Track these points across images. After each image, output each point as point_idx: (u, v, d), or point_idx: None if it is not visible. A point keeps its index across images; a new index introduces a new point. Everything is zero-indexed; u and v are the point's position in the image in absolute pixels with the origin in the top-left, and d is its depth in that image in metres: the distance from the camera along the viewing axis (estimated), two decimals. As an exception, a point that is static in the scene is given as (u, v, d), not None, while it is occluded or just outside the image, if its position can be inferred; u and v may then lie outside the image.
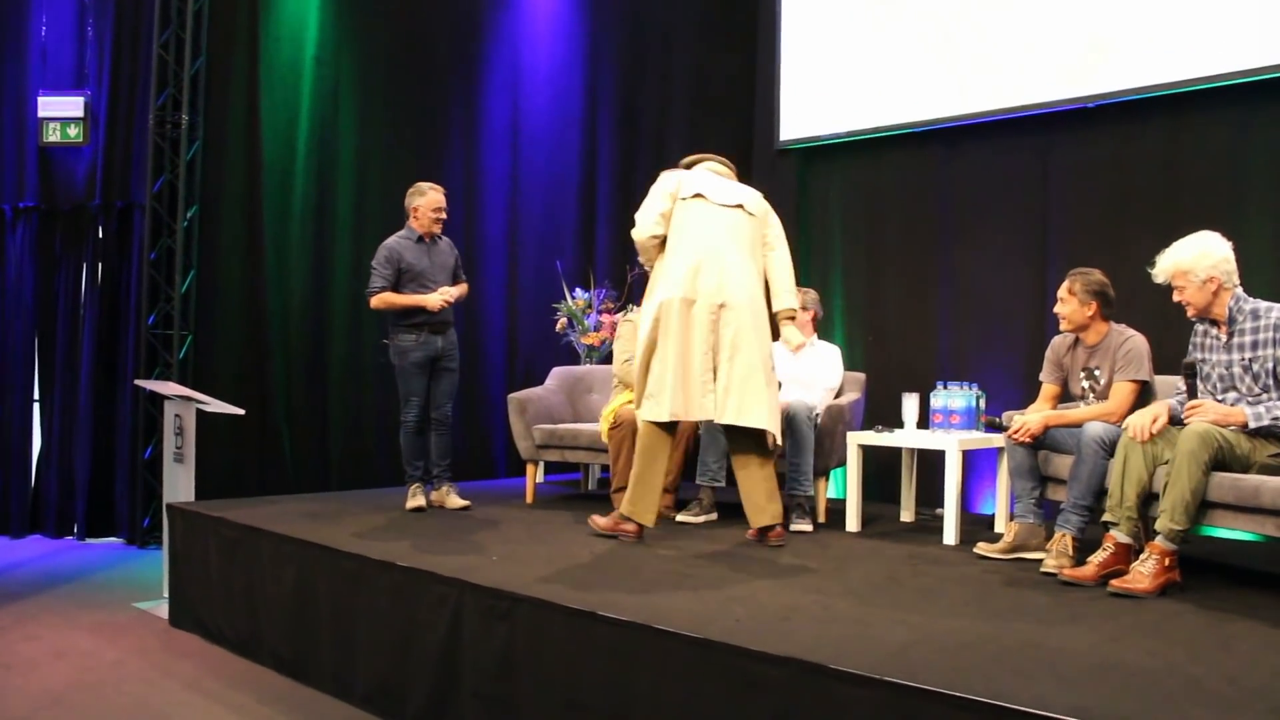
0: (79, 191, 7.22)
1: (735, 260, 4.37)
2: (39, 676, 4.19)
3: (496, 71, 7.85)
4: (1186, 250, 3.79)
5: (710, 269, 4.31)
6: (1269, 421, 3.58)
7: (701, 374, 4.28)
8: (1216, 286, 3.77)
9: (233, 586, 4.70)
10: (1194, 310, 3.85)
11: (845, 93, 6.83)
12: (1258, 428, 3.59)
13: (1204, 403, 3.72)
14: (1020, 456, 4.27)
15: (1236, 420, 3.63)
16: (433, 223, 5.38)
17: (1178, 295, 3.84)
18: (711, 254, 4.34)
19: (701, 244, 4.37)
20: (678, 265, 4.36)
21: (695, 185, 4.49)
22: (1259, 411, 3.61)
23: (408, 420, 5.37)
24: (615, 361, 5.59)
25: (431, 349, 5.35)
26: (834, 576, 3.87)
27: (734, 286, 4.31)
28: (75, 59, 7.27)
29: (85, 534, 7.05)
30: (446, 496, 5.44)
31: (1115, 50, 5.65)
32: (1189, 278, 3.78)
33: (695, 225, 4.42)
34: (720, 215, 4.46)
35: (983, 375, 5.70)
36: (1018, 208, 6.13)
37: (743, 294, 4.33)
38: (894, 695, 2.45)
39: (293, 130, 7.05)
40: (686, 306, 4.29)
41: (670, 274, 4.37)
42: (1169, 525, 3.50)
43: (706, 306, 4.28)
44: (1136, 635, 3.01)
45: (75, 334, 7.19)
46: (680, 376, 4.27)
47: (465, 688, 3.51)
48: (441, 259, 5.43)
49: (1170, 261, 3.82)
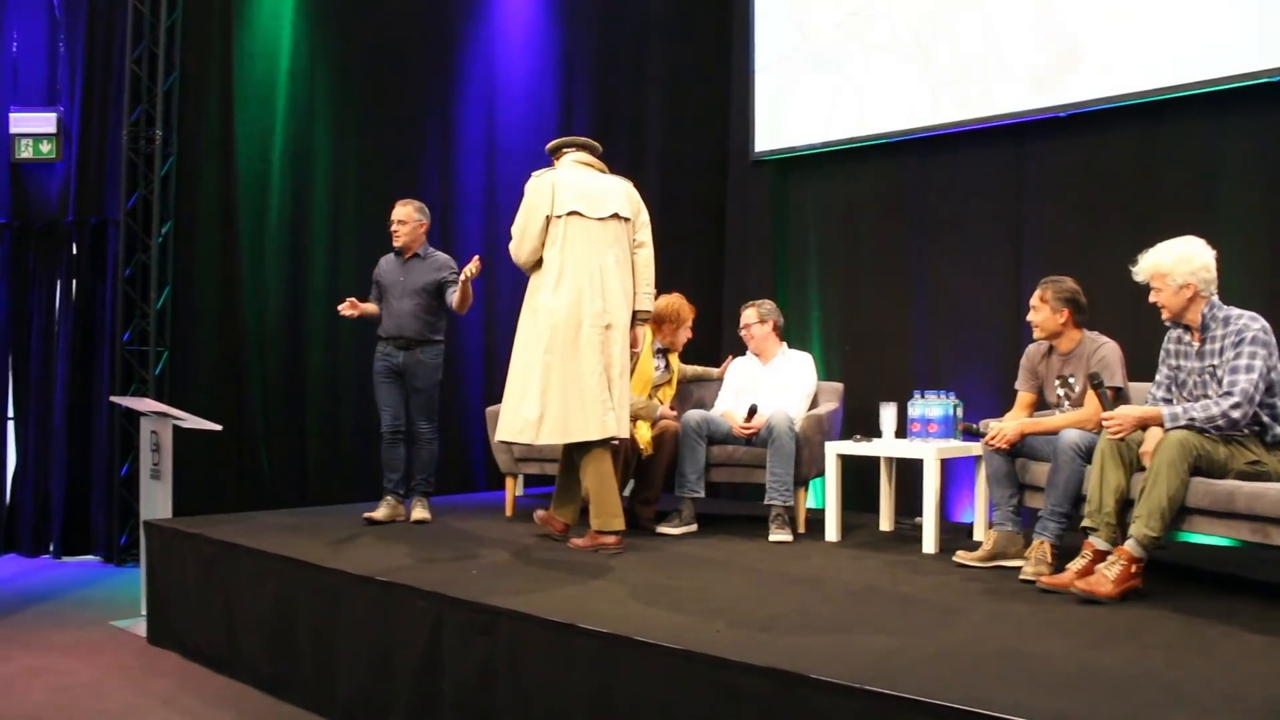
0: (52, 208, 7.17)
1: (615, 278, 4.56)
2: (15, 696, 4.14)
3: (472, 84, 7.85)
4: (1168, 253, 3.83)
5: (594, 292, 4.49)
6: (1185, 421, 3.61)
7: (599, 395, 4.44)
8: (1192, 293, 3.80)
9: (211, 603, 4.67)
10: (1168, 313, 3.88)
11: (820, 103, 6.87)
12: (1173, 427, 3.61)
13: (1114, 414, 3.74)
14: (997, 464, 4.29)
15: (1153, 419, 3.67)
16: (394, 235, 5.38)
17: (1153, 296, 3.88)
18: (595, 276, 4.51)
19: (585, 266, 4.51)
20: (564, 288, 4.49)
21: (568, 200, 4.55)
22: (1175, 412, 3.65)
23: (381, 430, 5.40)
24: None
25: (392, 362, 5.36)
26: (814, 586, 3.88)
27: (615, 307, 4.53)
28: (47, 74, 7.21)
29: (61, 552, 6.97)
30: (414, 509, 5.40)
31: (1087, 59, 5.71)
32: (1166, 280, 3.82)
33: (575, 246, 4.53)
34: (597, 232, 4.57)
35: (960, 384, 5.73)
36: (992, 216, 6.18)
37: (623, 314, 4.57)
38: (875, 704, 2.46)
39: (267, 145, 7.02)
40: (575, 330, 4.45)
41: (556, 294, 4.50)
42: (1144, 531, 3.52)
43: (595, 329, 4.47)
44: (1114, 641, 3.03)
45: (50, 351, 7.13)
46: (576, 399, 4.43)
47: (446, 701, 3.49)
48: (413, 276, 5.36)
49: (1150, 262, 3.86)
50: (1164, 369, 3.99)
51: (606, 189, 4.68)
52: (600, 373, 4.44)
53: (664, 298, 5.60)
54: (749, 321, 5.52)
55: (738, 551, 4.62)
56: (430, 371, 5.42)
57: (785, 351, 5.54)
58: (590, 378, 4.43)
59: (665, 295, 5.63)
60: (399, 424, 5.39)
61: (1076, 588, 3.56)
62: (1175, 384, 3.93)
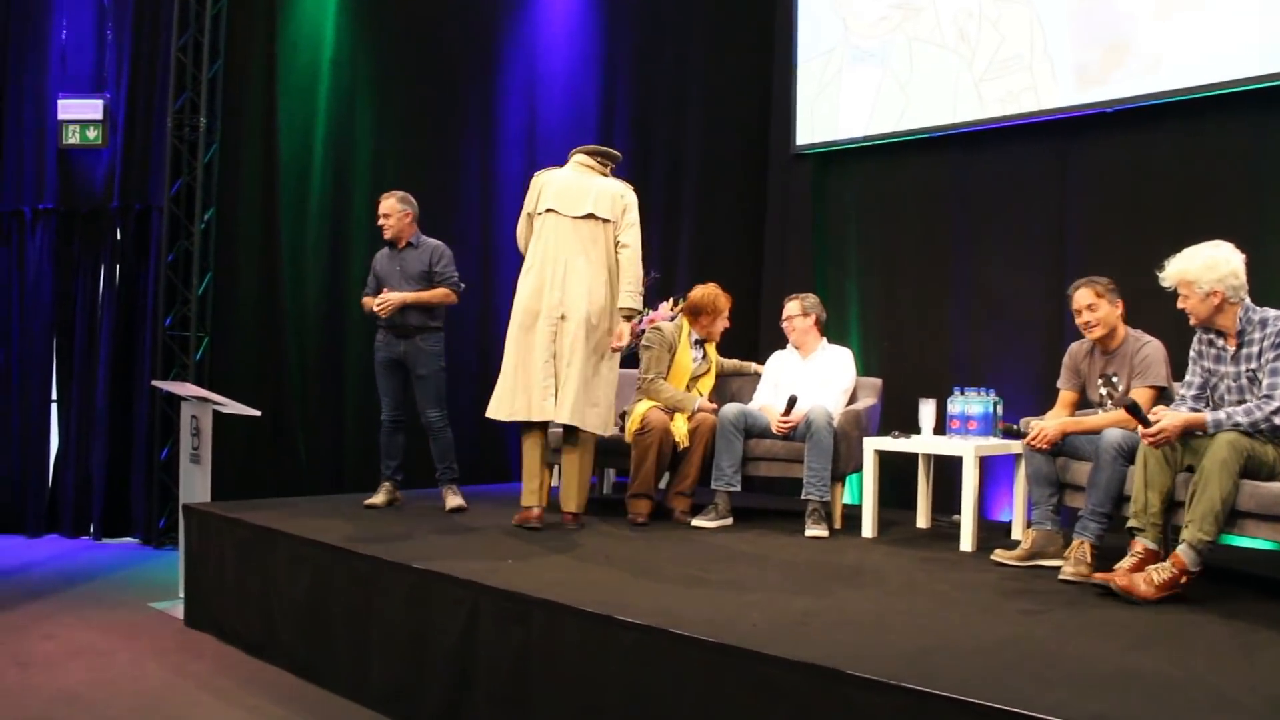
0: (97, 194, 7.25)
1: (580, 274, 4.81)
2: (55, 675, 4.20)
3: (513, 74, 7.86)
4: (1194, 260, 3.75)
5: (555, 285, 4.80)
6: (1229, 426, 3.56)
7: (543, 380, 4.77)
8: (1220, 300, 3.73)
9: (248, 587, 4.71)
10: (1196, 320, 3.83)
11: (863, 97, 6.82)
12: (1217, 432, 3.56)
13: (1159, 425, 3.65)
14: (1038, 463, 4.24)
15: (1196, 425, 3.62)
16: (383, 230, 5.50)
17: (1181, 303, 3.82)
18: (558, 270, 4.81)
19: (551, 259, 4.84)
20: (530, 278, 4.88)
21: (549, 198, 4.91)
22: (1219, 418, 3.59)
23: (381, 418, 5.54)
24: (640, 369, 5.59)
25: (393, 351, 5.46)
26: (850, 582, 3.86)
27: (574, 300, 4.78)
28: (94, 62, 7.30)
29: (102, 534, 7.07)
30: (446, 497, 5.47)
31: (1133, 55, 5.63)
32: (1193, 288, 3.75)
33: (548, 240, 4.89)
34: (569, 230, 4.87)
35: (1000, 381, 5.67)
36: (1035, 213, 6.11)
37: (582, 307, 4.77)
38: (911, 700, 2.44)
39: (309, 133, 7.06)
40: (532, 319, 4.81)
41: (524, 285, 4.90)
42: (1197, 535, 3.45)
43: (549, 319, 4.79)
44: (1156, 644, 2.99)
45: (93, 335, 7.22)
46: (523, 382, 4.80)
47: (480, 690, 3.50)
48: (408, 265, 5.44)
49: (1177, 269, 3.80)
50: (1196, 370, 3.92)
51: (589, 189, 4.92)
52: (547, 360, 4.78)
53: (699, 288, 5.59)
54: (792, 314, 5.49)
55: (773, 546, 4.60)
56: (431, 358, 5.46)
57: (825, 346, 5.51)
58: (536, 364, 4.77)
59: (701, 286, 5.61)
60: (399, 413, 5.52)
61: (1115, 583, 3.51)
62: (1208, 388, 3.87)
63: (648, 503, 5.18)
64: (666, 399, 5.39)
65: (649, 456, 5.17)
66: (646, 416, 5.25)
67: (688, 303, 5.60)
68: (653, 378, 5.44)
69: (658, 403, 5.37)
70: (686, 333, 5.56)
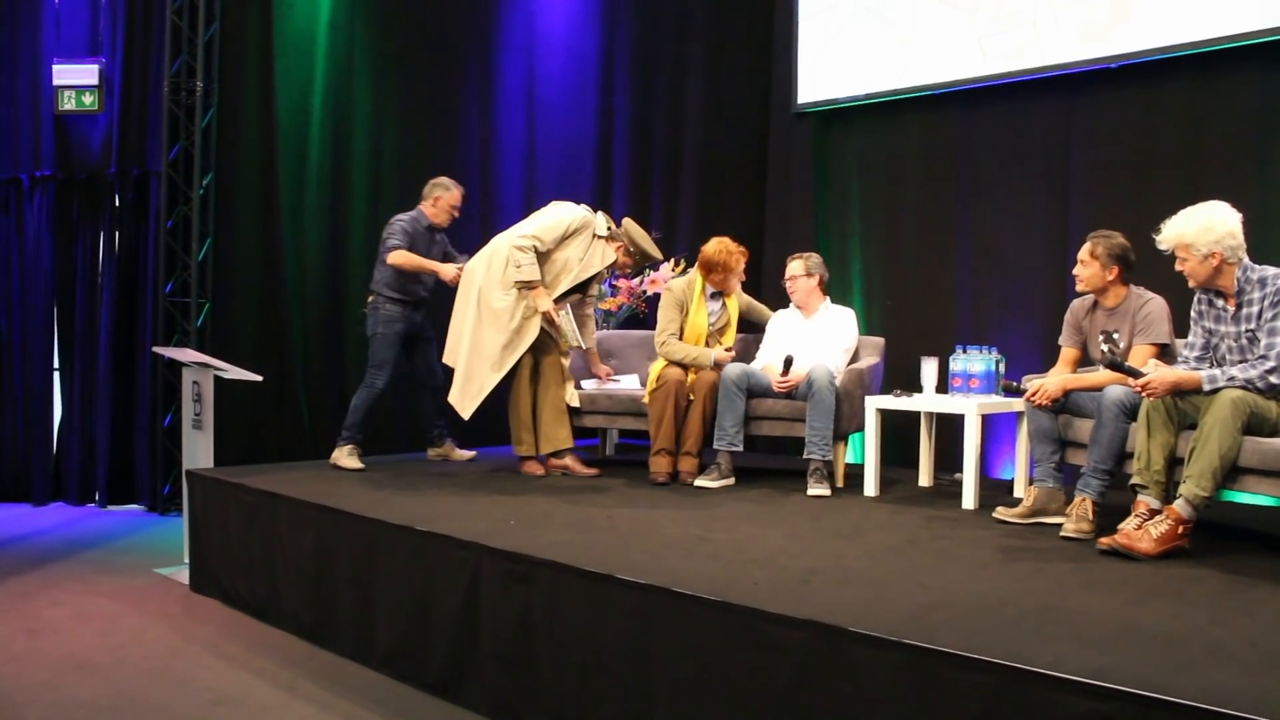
0: (95, 160, 7.22)
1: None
2: (63, 641, 4.23)
3: (511, 35, 7.79)
4: (1190, 223, 3.73)
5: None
6: (1224, 383, 3.55)
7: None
8: (1219, 261, 3.71)
9: (253, 552, 4.73)
10: (1195, 281, 3.82)
11: (864, 54, 6.76)
12: (1212, 389, 3.56)
13: (1150, 377, 3.65)
14: (1040, 420, 4.24)
15: (1190, 383, 3.61)
16: (449, 217, 5.73)
17: (1179, 265, 3.81)
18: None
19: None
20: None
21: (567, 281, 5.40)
22: (1214, 374, 3.59)
23: (377, 385, 5.63)
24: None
25: (412, 324, 5.69)
26: (852, 540, 3.86)
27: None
28: (89, 26, 7.24)
29: (106, 501, 7.10)
30: (452, 451, 5.86)
31: (1139, 8, 5.57)
32: (1190, 251, 3.73)
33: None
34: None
35: (1002, 339, 5.67)
36: (1039, 170, 6.07)
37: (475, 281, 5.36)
38: (913, 657, 2.45)
39: (307, 96, 7.01)
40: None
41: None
42: (1194, 490, 3.46)
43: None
44: (1157, 599, 3.00)
45: (93, 302, 7.21)
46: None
47: (484, 650, 3.52)
48: (439, 248, 5.76)
49: (1174, 232, 3.77)
50: (1198, 331, 3.91)
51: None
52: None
53: (713, 241, 5.46)
54: (795, 274, 5.45)
55: (776, 505, 4.61)
56: (430, 323, 5.82)
57: (828, 306, 5.47)
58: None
59: (716, 239, 5.50)
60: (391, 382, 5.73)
61: (1116, 542, 3.52)
62: (1209, 348, 3.86)
63: (668, 459, 5.17)
64: (681, 357, 5.36)
65: (666, 412, 5.17)
66: (662, 373, 5.27)
67: (701, 257, 5.53)
68: (664, 340, 5.43)
69: (673, 361, 5.36)
70: (700, 288, 5.52)
